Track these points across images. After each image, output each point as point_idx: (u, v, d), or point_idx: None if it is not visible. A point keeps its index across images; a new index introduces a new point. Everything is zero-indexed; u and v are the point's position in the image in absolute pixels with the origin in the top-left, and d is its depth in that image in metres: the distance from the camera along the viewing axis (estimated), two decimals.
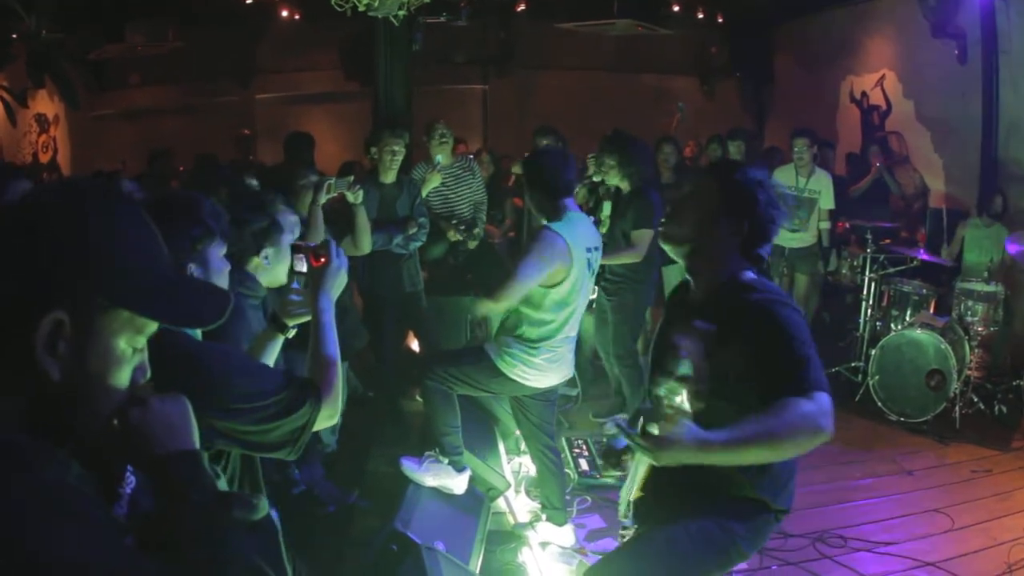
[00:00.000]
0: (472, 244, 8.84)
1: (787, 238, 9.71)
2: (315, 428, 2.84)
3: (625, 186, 7.62)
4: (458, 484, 5.58)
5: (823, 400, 2.83)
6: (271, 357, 3.42)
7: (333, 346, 3.07)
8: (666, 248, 3.49)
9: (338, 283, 3.23)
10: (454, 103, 15.49)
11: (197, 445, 1.96)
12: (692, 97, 16.80)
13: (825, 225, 9.85)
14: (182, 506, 1.79)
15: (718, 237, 3.32)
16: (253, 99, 16.21)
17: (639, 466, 3.64)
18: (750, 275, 3.33)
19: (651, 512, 3.55)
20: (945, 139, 11.47)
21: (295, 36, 14.94)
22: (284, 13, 13.58)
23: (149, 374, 1.81)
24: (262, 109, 16.16)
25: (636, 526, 3.66)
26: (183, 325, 1.70)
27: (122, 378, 1.71)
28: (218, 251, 3.00)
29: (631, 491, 3.66)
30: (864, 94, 13.68)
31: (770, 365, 2.96)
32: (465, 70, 16.23)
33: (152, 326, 1.72)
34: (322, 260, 3.20)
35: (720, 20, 15.59)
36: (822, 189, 9.69)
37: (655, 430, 2.82)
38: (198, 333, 2.87)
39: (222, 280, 3.05)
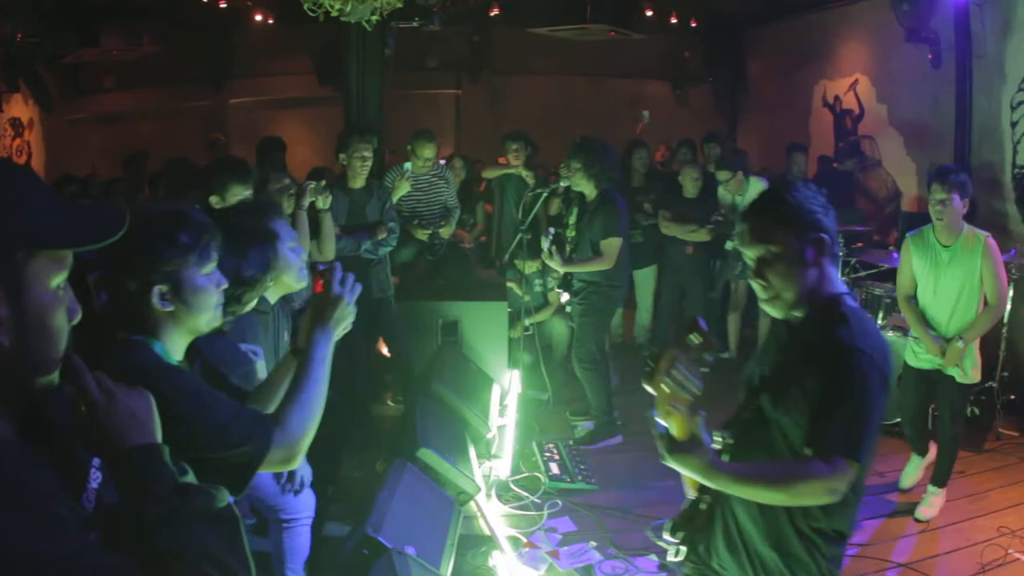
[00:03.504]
0: (446, 234, 8.88)
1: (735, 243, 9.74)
2: (267, 470, 2.78)
3: (591, 191, 7.62)
4: None
5: (842, 468, 2.80)
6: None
7: (314, 389, 2.87)
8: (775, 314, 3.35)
9: (339, 316, 3.04)
10: (427, 108, 15.50)
11: (159, 439, 1.97)
12: (665, 102, 16.87)
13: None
14: (143, 499, 1.82)
15: (812, 266, 3.17)
16: (227, 103, 16.18)
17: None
18: (850, 302, 3.20)
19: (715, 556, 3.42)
20: (918, 143, 11.47)
21: (269, 41, 14.93)
22: (258, 17, 13.56)
23: (80, 315, 1.84)
24: (236, 113, 16.15)
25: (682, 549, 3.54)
26: (92, 244, 1.71)
27: (62, 319, 1.76)
28: (196, 271, 2.78)
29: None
30: (837, 98, 13.67)
31: (818, 411, 2.94)
32: (438, 75, 16.24)
33: (70, 256, 1.76)
34: (318, 287, 3.06)
35: (693, 25, 15.62)
36: None
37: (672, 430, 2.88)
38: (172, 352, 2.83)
39: (208, 299, 2.83)
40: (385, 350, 8.22)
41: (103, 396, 1.90)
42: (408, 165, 8.80)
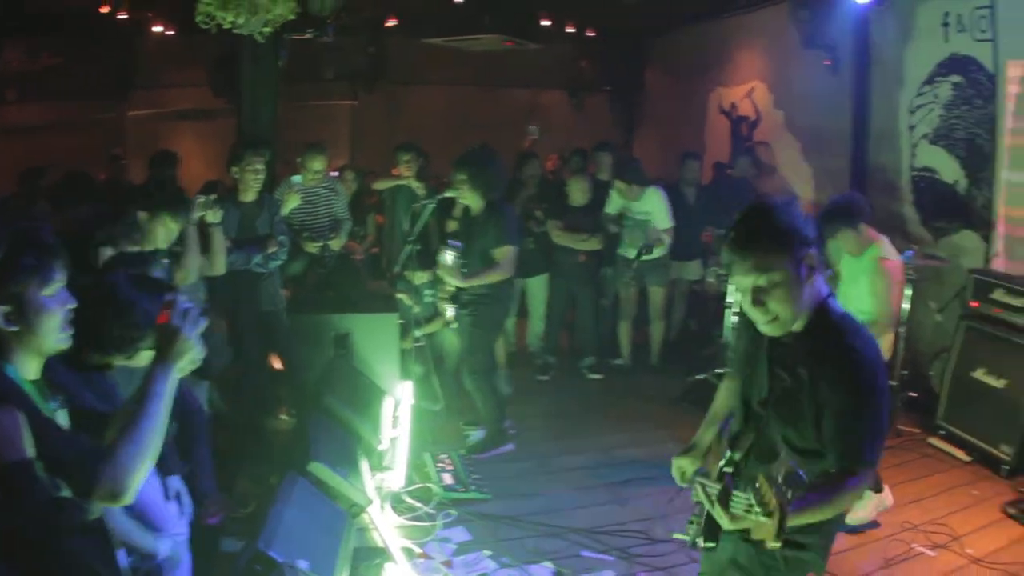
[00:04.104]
0: (336, 246, 8.94)
1: (631, 250, 9.78)
2: (99, 504, 2.56)
3: (477, 202, 7.61)
4: None
5: (867, 476, 3.07)
6: None
7: (148, 425, 2.70)
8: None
9: (179, 350, 2.85)
10: (323, 119, 15.37)
11: (31, 455, 1.98)
12: (562, 111, 16.95)
13: (661, 247, 9.79)
14: (18, 514, 1.83)
15: (807, 284, 3.20)
16: (126, 116, 15.96)
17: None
18: (836, 306, 3.30)
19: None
20: (816, 148, 11.62)
21: (168, 53, 14.75)
22: (158, 28, 13.44)
23: None
24: (135, 126, 15.92)
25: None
26: None
27: None
28: (37, 292, 2.72)
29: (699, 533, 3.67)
30: (734, 105, 13.84)
31: (847, 435, 3.09)
32: (334, 86, 16.14)
33: None
34: (163, 318, 2.86)
35: (590, 34, 15.72)
36: (652, 209, 9.79)
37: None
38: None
39: (51, 320, 2.75)
40: (278, 364, 8.18)
41: None
42: (298, 178, 8.81)
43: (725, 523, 2.97)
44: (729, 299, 9.34)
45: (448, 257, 7.44)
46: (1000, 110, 8.49)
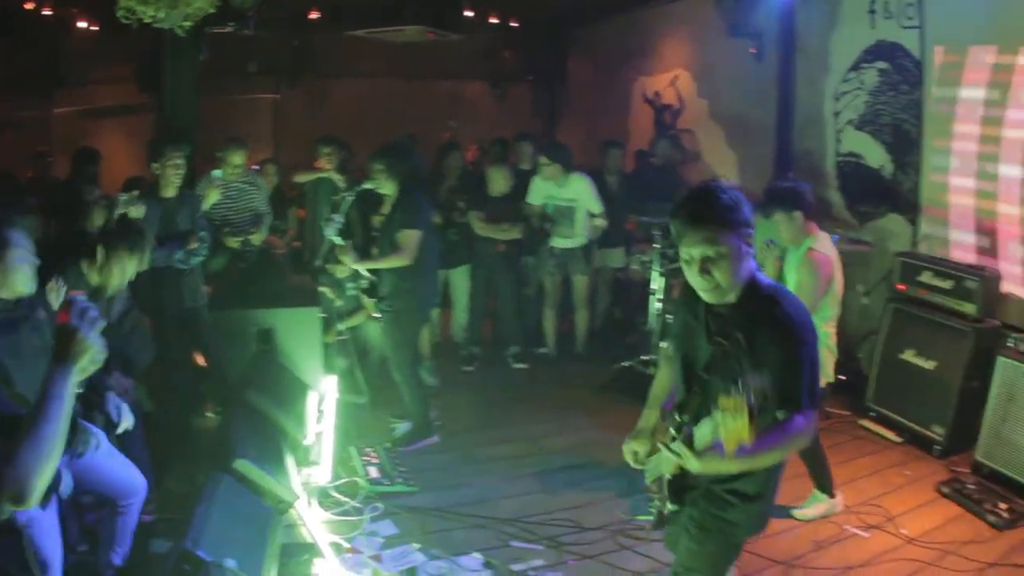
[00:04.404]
0: (257, 240, 8.97)
1: (557, 239, 9.80)
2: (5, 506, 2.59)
3: (394, 191, 7.58)
4: None
5: (812, 416, 3.38)
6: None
7: (48, 427, 2.66)
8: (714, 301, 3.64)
9: (77, 350, 2.79)
10: (246, 113, 15.26)
11: None
12: (484, 102, 16.93)
13: (598, 226, 9.88)
14: None
15: (745, 258, 3.54)
16: (51, 113, 15.74)
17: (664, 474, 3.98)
18: (765, 279, 3.66)
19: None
20: (740, 135, 11.76)
21: (93, 49, 14.53)
22: (82, 25, 13.28)
23: None
24: (60, 124, 15.71)
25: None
26: None
27: None
28: None
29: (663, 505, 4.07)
30: (657, 94, 13.90)
31: (787, 383, 3.35)
32: (257, 79, 15.99)
33: None
34: (61, 318, 2.80)
35: (513, 25, 15.70)
36: (579, 196, 9.81)
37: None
38: None
39: None
40: (201, 361, 8.11)
41: None
42: (218, 172, 8.75)
43: (694, 464, 3.32)
44: (653, 286, 9.41)
45: (329, 230, 7.49)
46: (927, 95, 8.64)
